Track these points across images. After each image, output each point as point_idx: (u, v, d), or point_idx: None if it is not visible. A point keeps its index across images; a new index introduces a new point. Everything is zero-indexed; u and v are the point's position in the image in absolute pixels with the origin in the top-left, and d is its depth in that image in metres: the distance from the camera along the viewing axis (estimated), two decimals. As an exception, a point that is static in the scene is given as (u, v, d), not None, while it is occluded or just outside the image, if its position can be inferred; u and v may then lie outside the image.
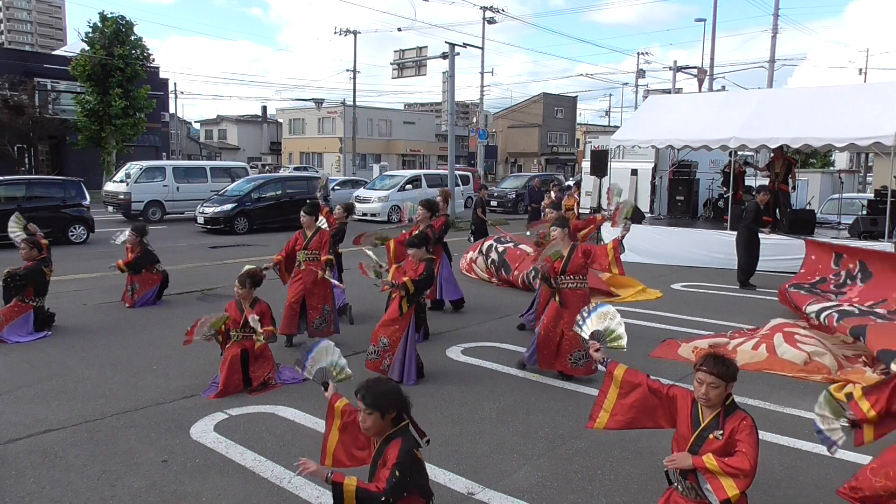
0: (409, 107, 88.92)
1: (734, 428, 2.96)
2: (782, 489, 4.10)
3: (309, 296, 7.03)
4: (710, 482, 2.91)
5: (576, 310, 5.95)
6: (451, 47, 22.75)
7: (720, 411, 3.03)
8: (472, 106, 62.87)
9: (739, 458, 2.87)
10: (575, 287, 6.11)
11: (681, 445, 3.11)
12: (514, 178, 31.71)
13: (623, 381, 3.36)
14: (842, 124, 11.58)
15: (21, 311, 7.28)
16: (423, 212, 8.23)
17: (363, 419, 2.96)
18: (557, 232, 6.21)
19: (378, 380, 3.12)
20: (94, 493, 3.96)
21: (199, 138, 67.03)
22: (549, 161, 66.05)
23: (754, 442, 2.91)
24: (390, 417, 2.98)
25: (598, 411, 3.42)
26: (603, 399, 3.42)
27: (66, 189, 15.82)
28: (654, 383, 3.28)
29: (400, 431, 3.00)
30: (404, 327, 5.86)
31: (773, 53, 30.68)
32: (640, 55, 46.99)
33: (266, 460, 4.40)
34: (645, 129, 14.01)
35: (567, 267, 6.06)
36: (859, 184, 23.59)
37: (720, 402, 3.04)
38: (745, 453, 2.88)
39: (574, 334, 5.85)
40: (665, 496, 3.22)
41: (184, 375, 6.11)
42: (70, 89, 32.73)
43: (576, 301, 5.95)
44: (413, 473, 2.92)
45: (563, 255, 6.08)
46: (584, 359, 5.94)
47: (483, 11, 35.65)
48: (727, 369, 3.00)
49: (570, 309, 5.88)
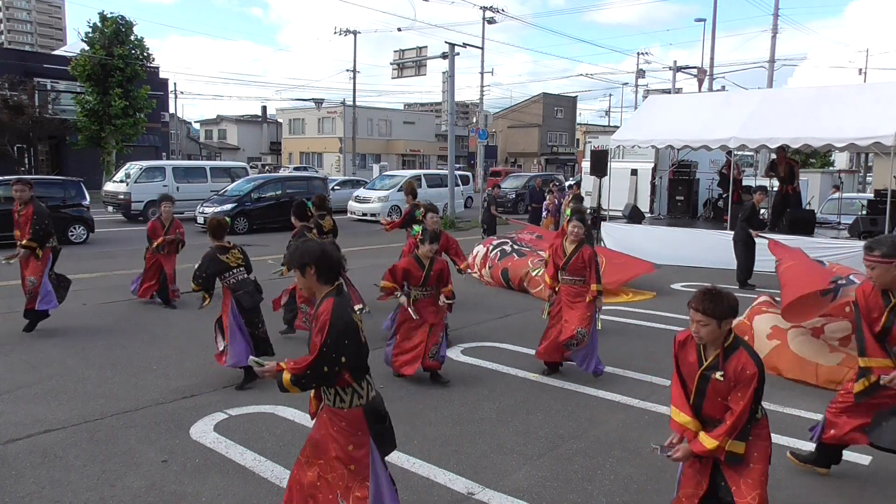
0: (409, 107, 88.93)
1: (736, 370, 2.95)
2: (782, 489, 4.10)
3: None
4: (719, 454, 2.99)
5: (573, 306, 6.04)
6: (451, 47, 22.74)
7: (720, 351, 3.01)
8: (472, 106, 62.87)
9: (729, 421, 2.95)
10: (572, 282, 6.11)
11: (689, 384, 3.13)
12: (515, 177, 31.71)
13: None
14: (842, 124, 11.58)
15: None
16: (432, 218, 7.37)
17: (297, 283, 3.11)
18: (575, 226, 6.10)
19: (296, 244, 3.26)
20: (94, 493, 3.96)
21: (199, 138, 67.02)
22: (548, 161, 66.05)
23: (749, 395, 2.92)
24: (312, 273, 3.01)
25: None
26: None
27: (65, 189, 15.80)
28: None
29: (333, 292, 3.03)
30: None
31: (773, 53, 30.69)
32: (640, 55, 47.01)
33: (266, 460, 4.40)
34: (645, 129, 14.00)
35: (568, 264, 6.05)
36: (859, 184, 23.60)
37: (717, 341, 3.00)
38: (733, 412, 2.95)
39: (570, 326, 5.90)
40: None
41: (184, 375, 6.11)
42: (70, 89, 32.72)
43: (572, 296, 6.05)
44: (344, 335, 2.91)
45: (568, 251, 6.06)
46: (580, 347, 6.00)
47: (483, 11, 35.64)
48: (715, 306, 2.93)
49: (568, 306, 6.04)
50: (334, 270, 3.06)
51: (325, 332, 2.86)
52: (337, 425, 3.01)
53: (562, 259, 6.11)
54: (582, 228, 6.10)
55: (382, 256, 14.11)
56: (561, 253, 6.14)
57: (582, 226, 6.11)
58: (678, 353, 3.21)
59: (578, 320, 5.91)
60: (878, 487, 4.16)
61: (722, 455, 2.99)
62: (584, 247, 6.07)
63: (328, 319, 2.89)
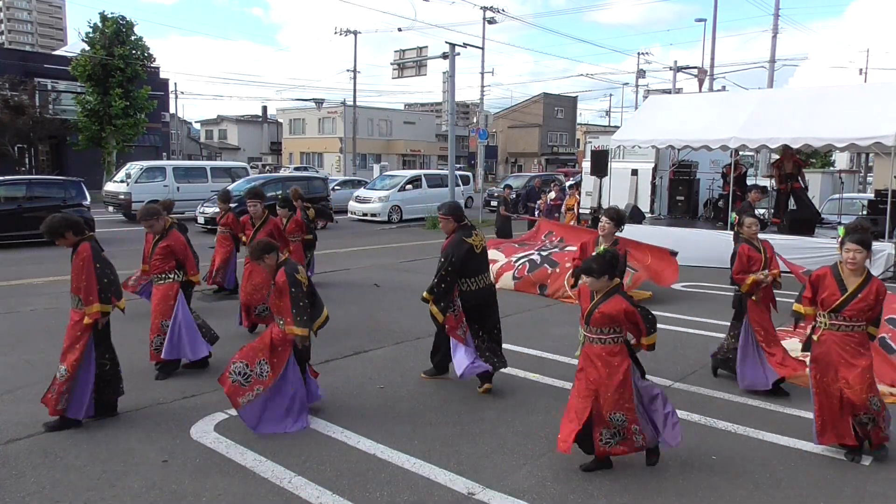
0: (409, 107, 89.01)
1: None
2: (782, 489, 4.10)
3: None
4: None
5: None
6: (451, 47, 22.72)
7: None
8: (472, 106, 62.92)
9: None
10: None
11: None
12: (515, 178, 31.73)
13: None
14: (842, 124, 11.57)
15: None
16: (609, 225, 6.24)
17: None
18: (606, 223, 5.96)
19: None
20: (94, 493, 3.96)
21: (199, 138, 67.06)
22: (549, 161, 66.07)
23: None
24: (272, 261, 4.89)
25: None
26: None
27: (66, 189, 15.80)
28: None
29: (283, 263, 4.75)
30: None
31: (774, 53, 30.69)
32: (641, 55, 47.07)
33: (266, 460, 4.40)
34: (645, 129, 14.00)
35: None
36: (859, 184, 23.59)
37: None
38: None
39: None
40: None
41: (184, 375, 6.10)
42: (70, 89, 32.75)
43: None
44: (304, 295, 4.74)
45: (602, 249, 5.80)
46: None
47: (483, 11, 35.71)
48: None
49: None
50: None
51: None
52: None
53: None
54: (610, 222, 5.95)
55: (382, 256, 14.11)
56: (593, 249, 5.69)
57: (610, 221, 5.96)
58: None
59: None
60: (878, 487, 4.16)
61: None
62: (620, 246, 5.81)
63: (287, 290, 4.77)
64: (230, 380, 4.75)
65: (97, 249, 4.99)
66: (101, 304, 4.85)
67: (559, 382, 6.05)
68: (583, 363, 4.22)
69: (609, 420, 4.07)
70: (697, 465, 4.41)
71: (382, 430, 4.91)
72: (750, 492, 4.08)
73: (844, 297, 4.32)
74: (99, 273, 4.87)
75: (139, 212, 6.09)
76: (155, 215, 6.04)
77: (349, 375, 6.20)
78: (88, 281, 4.84)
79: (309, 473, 4.22)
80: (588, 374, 4.15)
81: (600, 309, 4.09)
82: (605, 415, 4.07)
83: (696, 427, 5.03)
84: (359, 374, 6.26)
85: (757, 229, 6.03)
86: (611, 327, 4.09)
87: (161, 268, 6.05)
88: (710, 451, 4.44)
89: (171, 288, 6.06)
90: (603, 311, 4.07)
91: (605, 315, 4.07)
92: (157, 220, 6.03)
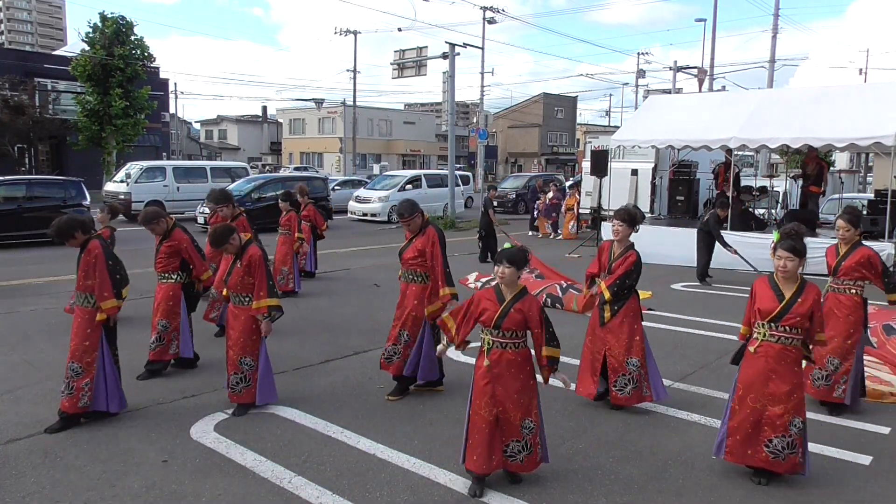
0: (409, 107, 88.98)
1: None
2: (782, 489, 4.10)
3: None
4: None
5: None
6: (451, 47, 22.73)
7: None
8: (472, 106, 62.85)
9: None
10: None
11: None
12: (515, 178, 31.73)
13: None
14: (842, 124, 11.57)
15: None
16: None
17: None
18: (619, 226, 5.48)
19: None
20: (94, 493, 3.96)
21: (199, 138, 67.05)
22: (549, 161, 66.07)
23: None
24: (236, 242, 5.09)
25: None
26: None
27: (66, 189, 15.82)
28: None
29: (249, 241, 5.12)
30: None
31: (774, 53, 30.67)
32: (641, 55, 47.04)
33: (266, 460, 4.40)
34: (645, 129, 14.00)
35: (612, 266, 5.48)
36: (859, 184, 23.58)
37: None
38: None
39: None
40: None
41: (184, 375, 6.11)
42: (70, 89, 32.74)
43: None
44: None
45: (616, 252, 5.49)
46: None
47: (483, 11, 35.70)
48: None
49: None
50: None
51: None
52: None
53: (606, 260, 5.56)
54: (623, 225, 5.47)
55: (382, 256, 14.11)
56: (607, 257, 5.58)
57: (623, 224, 5.47)
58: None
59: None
60: (879, 487, 4.16)
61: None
62: (632, 253, 5.46)
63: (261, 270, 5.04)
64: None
65: (106, 246, 5.08)
66: (116, 300, 4.96)
67: (559, 382, 6.03)
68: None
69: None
70: (697, 465, 4.41)
71: (382, 429, 4.91)
72: (750, 492, 4.08)
73: (783, 304, 4.07)
74: (111, 269, 4.97)
75: (140, 216, 6.17)
76: (155, 218, 6.10)
77: (349, 375, 6.20)
78: (101, 278, 4.92)
79: (309, 473, 4.22)
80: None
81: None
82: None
83: (696, 427, 5.03)
84: (359, 374, 6.26)
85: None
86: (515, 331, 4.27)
87: (165, 267, 6.16)
88: (710, 451, 4.44)
89: (172, 288, 6.15)
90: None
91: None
92: (157, 223, 6.08)
